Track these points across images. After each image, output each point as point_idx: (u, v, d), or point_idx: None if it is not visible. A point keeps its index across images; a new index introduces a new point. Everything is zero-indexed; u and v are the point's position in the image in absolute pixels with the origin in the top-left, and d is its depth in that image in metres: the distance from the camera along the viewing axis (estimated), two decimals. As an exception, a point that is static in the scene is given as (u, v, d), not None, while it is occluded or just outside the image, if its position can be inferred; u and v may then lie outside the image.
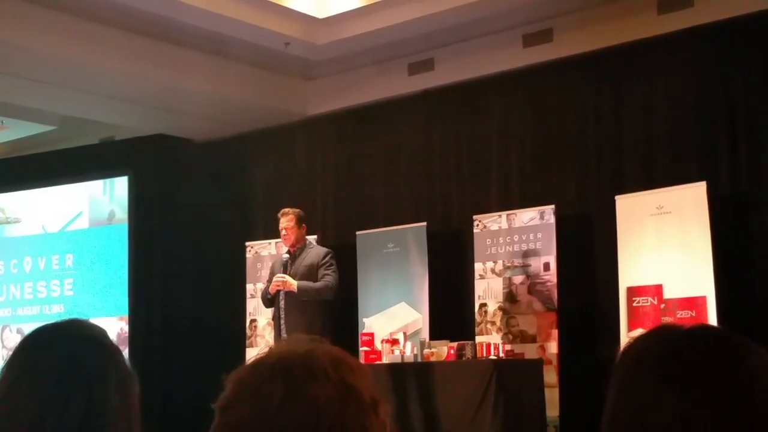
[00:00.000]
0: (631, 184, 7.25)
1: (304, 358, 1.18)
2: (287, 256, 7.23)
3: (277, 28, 8.03)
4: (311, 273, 7.09)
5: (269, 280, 7.28)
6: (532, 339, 7.42)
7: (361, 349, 7.27)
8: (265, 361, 1.20)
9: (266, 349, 1.24)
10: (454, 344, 6.85)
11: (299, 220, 7.22)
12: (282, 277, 7.05)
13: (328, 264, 7.15)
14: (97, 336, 1.70)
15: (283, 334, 7.01)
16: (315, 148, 9.33)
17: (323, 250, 7.32)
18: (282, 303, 7.06)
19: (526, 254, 7.58)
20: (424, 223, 8.17)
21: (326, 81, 9.12)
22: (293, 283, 7.00)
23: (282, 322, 7.04)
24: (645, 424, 1.18)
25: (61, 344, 1.66)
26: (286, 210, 7.27)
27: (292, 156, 9.42)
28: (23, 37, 7.45)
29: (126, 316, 9.40)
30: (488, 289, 7.72)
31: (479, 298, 7.76)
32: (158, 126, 9.53)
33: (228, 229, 9.51)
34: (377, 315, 8.15)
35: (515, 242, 7.66)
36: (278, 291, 7.10)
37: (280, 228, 7.23)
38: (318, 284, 7.05)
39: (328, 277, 7.09)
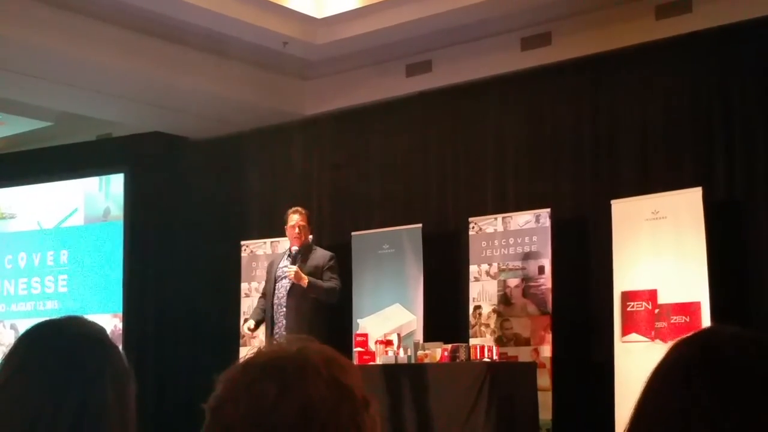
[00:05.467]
0: (627, 189, 7.25)
1: (296, 357, 1.18)
2: (296, 248, 7.02)
3: (275, 27, 8.03)
4: (316, 274, 6.94)
5: (267, 284, 7.17)
6: (526, 342, 7.42)
7: (354, 349, 7.26)
8: (256, 361, 1.20)
9: (255, 349, 1.24)
10: (448, 346, 6.84)
11: (309, 220, 7.15)
12: (293, 268, 6.83)
13: (333, 268, 7.05)
14: (95, 334, 1.69)
15: (281, 323, 6.89)
16: (312, 148, 9.31)
17: (327, 253, 7.15)
18: (283, 292, 6.91)
19: (521, 257, 7.58)
20: (420, 225, 8.16)
21: (324, 81, 9.11)
22: (304, 278, 6.83)
23: (283, 313, 6.89)
24: (669, 422, 1.17)
25: (58, 342, 1.65)
26: (298, 208, 7.09)
27: (288, 156, 9.41)
28: (21, 33, 7.44)
29: (120, 313, 9.38)
30: (483, 292, 7.72)
31: (474, 301, 7.75)
32: (155, 124, 9.52)
33: (223, 228, 9.50)
34: (371, 316, 8.15)
35: (510, 245, 7.66)
36: (276, 284, 6.99)
37: (291, 225, 7.01)
38: (327, 284, 6.93)
39: (335, 281, 6.99)
